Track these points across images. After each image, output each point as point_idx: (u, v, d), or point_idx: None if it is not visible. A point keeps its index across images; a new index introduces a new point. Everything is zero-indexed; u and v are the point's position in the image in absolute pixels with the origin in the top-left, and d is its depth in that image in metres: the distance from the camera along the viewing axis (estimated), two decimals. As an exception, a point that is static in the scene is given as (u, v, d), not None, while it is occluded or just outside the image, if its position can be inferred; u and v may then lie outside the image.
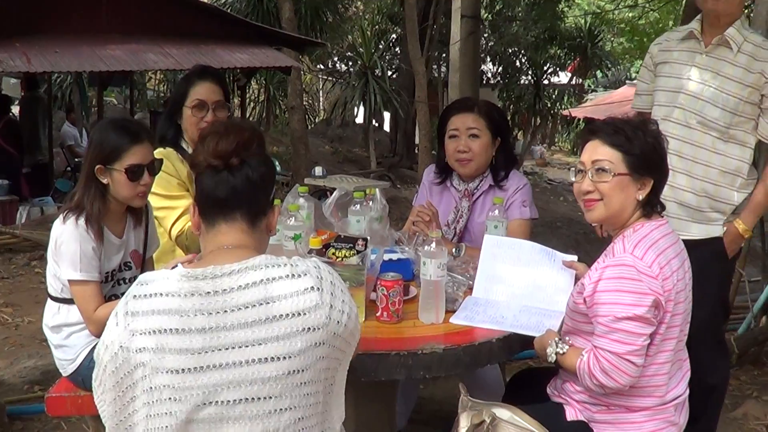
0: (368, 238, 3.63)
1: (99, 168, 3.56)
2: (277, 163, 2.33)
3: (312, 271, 2.40)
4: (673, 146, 4.25)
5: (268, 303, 2.32)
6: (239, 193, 2.49)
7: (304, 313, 2.32)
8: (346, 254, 3.45)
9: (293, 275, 2.36)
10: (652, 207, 3.21)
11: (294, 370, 2.31)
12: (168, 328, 2.29)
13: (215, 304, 2.31)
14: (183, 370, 2.27)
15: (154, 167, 3.69)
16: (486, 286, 3.78)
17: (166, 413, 2.29)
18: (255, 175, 2.49)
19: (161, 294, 2.34)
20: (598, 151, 3.19)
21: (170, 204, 4.19)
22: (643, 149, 3.13)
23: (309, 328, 2.32)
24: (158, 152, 4.20)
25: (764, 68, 4.16)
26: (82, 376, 3.70)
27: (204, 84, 4.39)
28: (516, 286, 3.78)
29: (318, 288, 2.37)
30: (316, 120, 31.35)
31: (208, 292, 2.33)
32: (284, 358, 2.30)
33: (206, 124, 4.21)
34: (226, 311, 2.31)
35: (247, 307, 2.31)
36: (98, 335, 3.57)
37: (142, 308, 2.33)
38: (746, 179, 4.32)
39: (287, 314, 2.31)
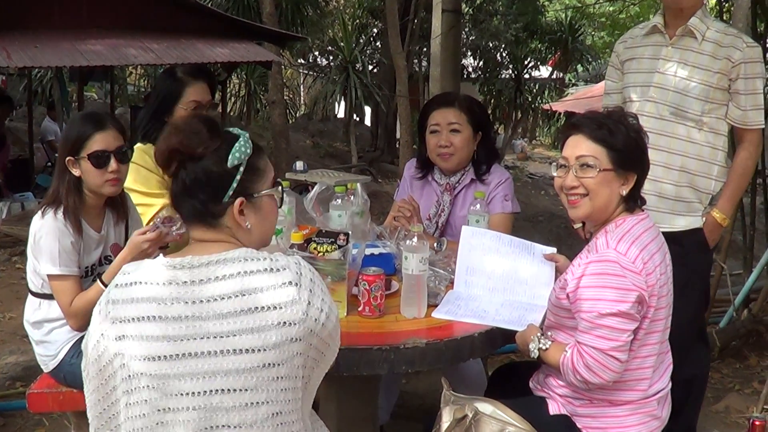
0: (350, 232, 3.63)
1: (69, 160, 3.58)
2: (240, 142, 2.25)
3: (292, 267, 2.37)
4: (649, 139, 4.26)
5: (245, 295, 2.31)
6: (181, 199, 2.49)
7: (281, 307, 2.30)
8: (328, 249, 3.45)
9: (272, 269, 2.34)
10: (634, 201, 3.21)
11: (269, 363, 2.30)
12: (146, 315, 2.29)
13: (192, 294, 2.32)
14: (160, 357, 2.27)
15: (122, 154, 3.66)
16: (466, 279, 3.78)
17: (144, 401, 2.29)
18: (189, 180, 2.43)
19: (142, 282, 2.34)
20: (581, 147, 3.18)
21: (148, 201, 4.18)
22: (626, 144, 3.13)
23: (285, 323, 2.30)
24: (139, 147, 4.19)
25: (730, 54, 4.19)
26: (64, 372, 3.69)
27: (199, 84, 4.39)
28: (496, 278, 3.78)
29: (296, 283, 2.34)
30: (297, 115, 31.32)
31: (185, 282, 2.33)
32: (259, 350, 2.29)
33: None
34: (202, 301, 2.31)
35: (224, 298, 2.31)
36: (78, 329, 3.59)
37: (122, 296, 2.34)
38: (723, 167, 4.34)
39: (263, 307, 2.30)
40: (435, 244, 4.22)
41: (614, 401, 3.17)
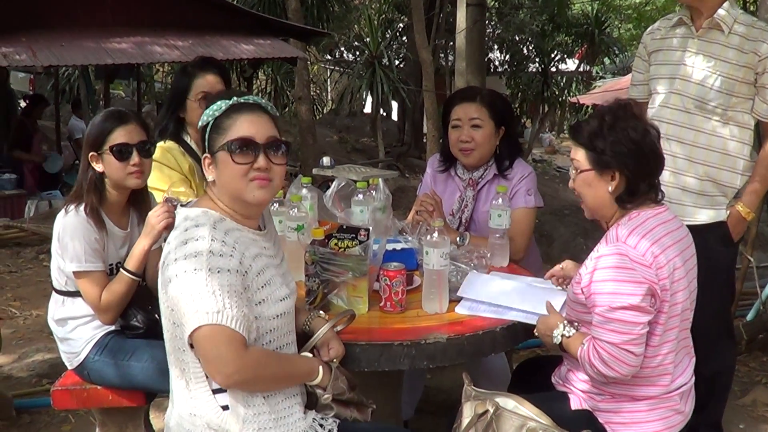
0: (370, 228, 3.63)
1: (92, 155, 3.61)
2: (212, 106, 2.48)
3: (180, 233, 2.75)
4: (673, 132, 4.28)
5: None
6: None
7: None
8: (349, 245, 3.45)
9: (179, 227, 2.80)
10: (631, 196, 3.19)
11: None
12: None
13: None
14: None
15: (145, 149, 3.68)
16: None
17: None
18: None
19: None
20: (574, 151, 3.27)
21: None
22: (607, 144, 3.13)
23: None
24: (161, 146, 4.21)
25: (757, 47, 4.14)
26: (88, 369, 3.70)
27: (207, 76, 4.40)
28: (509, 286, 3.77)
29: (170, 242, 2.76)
30: (324, 110, 31.29)
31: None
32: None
33: None
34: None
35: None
36: (110, 323, 3.63)
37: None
38: (748, 161, 4.30)
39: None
40: (458, 239, 4.21)
41: (635, 396, 3.16)
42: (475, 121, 4.46)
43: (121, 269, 3.62)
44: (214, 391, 2.77)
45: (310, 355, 3.00)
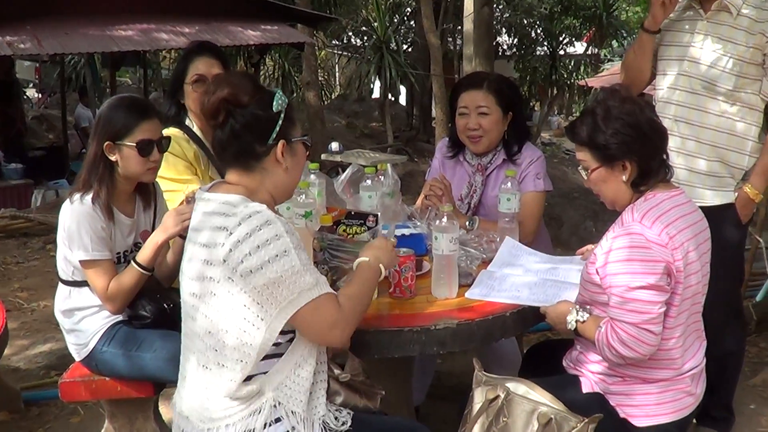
0: (378, 214, 3.62)
1: (108, 145, 3.54)
2: (279, 93, 2.58)
3: (240, 215, 2.69)
4: (681, 113, 4.28)
5: (197, 230, 2.83)
6: (228, 146, 2.84)
7: (207, 246, 2.73)
8: (357, 230, 3.44)
9: (224, 213, 2.73)
10: (646, 178, 3.18)
11: (193, 293, 2.83)
12: None
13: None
14: None
15: (162, 144, 3.67)
16: (501, 268, 3.78)
17: None
18: (238, 126, 2.79)
19: None
20: (578, 152, 3.29)
21: (176, 187, 4.16)
22: (608, 138, 3.13)
23: (206, 261, 2.74)
24: (164, 132, 4.19)
25: (765, 28, 4.14)
26: (96, 361, 3.68)
27: (202, 59, 4.38)
28: (531, 267, 3.80)
29: (229, 231, 2.68)
30: (333, 95, 31.28)
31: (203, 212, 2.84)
32: (191, 279, 2.84)
33: None
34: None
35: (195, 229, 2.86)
36: (116, 312, 3.62)
37: None
38: (757, 143, 4.28)
39: (199, 243, 2.78)
40: (467, 223, 4.20)
41: (647, 379, 3.15)
42: (483, 109, 4.43)
43: (132, 262, 3.59)
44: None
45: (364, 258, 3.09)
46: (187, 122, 4.44)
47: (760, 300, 6.56)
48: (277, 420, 2.78)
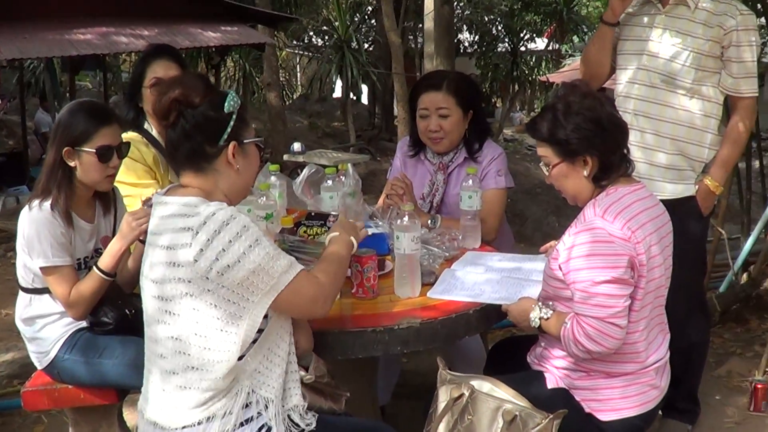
0: (339, 214, 3.60)
1: (67, 150, 3.49)
2: (232, 94, 2.60)
3: (203, 215, 2.66)
4: (641, 107, 4.30)
5: (155, 234, 2.78)
6: (179, 146, 2.80)
7: (171, 248, 2.69)
8: (318, 231, 3.43)
9: (185, 215, 2.69)
10: (607, 173, 3.19)
11: (159, 296, 2.76)
12: None
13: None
14: None
15: (122, 150, 3.63)
16: (464, 267, 3.80)
17: None
18: (189, 126, 2.76)
19: None
20: (539, 148, 3.27)
21: (136, 192, 4.13)
22: (569, 133, 3.12)
23: (173, 263, 2.68)
24: (123, 137, 4.15)
25: (722, 21, 4.15)
26: (58, 369, 3.63)
27: (160, 62, 4.37)
28: (495, 266, 3.83)
29: (195, 230, 2.64)
30: (294, 96, 31.28)
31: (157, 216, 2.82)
32: (155, 282, 2.77)
33: None
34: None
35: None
36: (79, 318, 3.58)
37: None
38: (716, 135, 4.31)
39: (161, 245, 2.72)
40: (429, 222, 4.21)
41: (611, 373, 3.15)
42: (443, 111, 4.42)
43: (93, 268, 3.55)
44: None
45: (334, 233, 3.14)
46: (146, 126, 4.42)
47: (724, 291, 6.61)
48: (249, 405, 2.78)
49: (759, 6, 6.65)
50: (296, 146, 13.44)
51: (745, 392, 5.22)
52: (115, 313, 3.60)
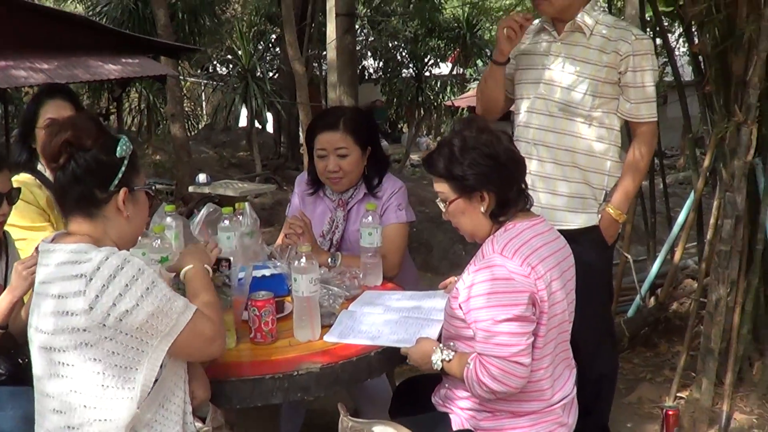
0: (231, 258, 3.53)
1: None
2: (124, 139, 2.59)
3: (96, 261, 2.57)
4: (539, 137, 4.28)
5: (44, 282, 2.69)
6: (68, 190, 2.75)
7: (63, 297, 2.59)
8: (211, 277, 3.34)
9: (75, 261, 2.60)
10: (505, 209, 3.16)
11: (50, 347, 2.65)
12: None
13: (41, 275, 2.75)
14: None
15: (12, 196, 3.51)
16: (362, 307, 3.77)
17: None
18: (80, 170, 2.70)
19: None
20: (436, 184, 3.25)
21: (29, 235, 4.02)
22: (465, 169, 3.10)
23: (65, 312, 2.58)
24: (14, 180, 4.02)
25: (618, 47, 4.15)
26: None
27: (54, 102, 4.27)
28: (393, 306, 3.79)
29: (89, 277, 2.55)
30: (200, 126, 31.10)
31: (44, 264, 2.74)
32: (44, 332, 2.66)
33: None
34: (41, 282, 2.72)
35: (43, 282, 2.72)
36: None
37: None
38: (616, 162, 4.30)
39: (52, 294, 2.62)
40: (329, 260, 4.14)
41: (517, 412, 3.11)
42: (341, 151, 4.34)
43: None
44: None
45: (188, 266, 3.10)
46: (39, 167, 4.29)
47: (632, 316, 6.65)
48: None
49: (658, 28, 6.71)
50: (201, 177, 13.32)
51: (656, 419, 5.25)
52: (8, 364, 3.47)
